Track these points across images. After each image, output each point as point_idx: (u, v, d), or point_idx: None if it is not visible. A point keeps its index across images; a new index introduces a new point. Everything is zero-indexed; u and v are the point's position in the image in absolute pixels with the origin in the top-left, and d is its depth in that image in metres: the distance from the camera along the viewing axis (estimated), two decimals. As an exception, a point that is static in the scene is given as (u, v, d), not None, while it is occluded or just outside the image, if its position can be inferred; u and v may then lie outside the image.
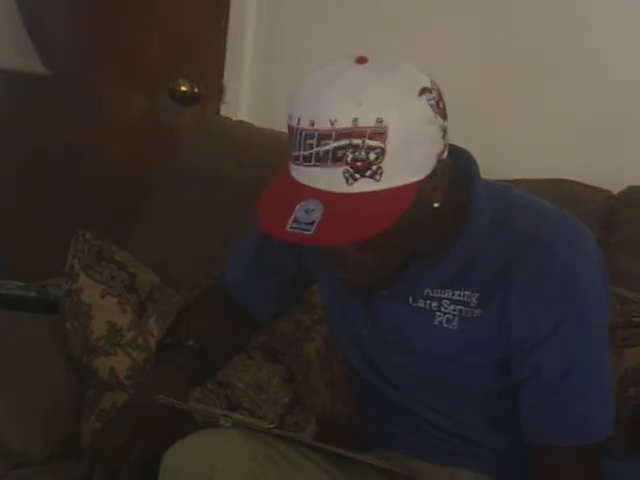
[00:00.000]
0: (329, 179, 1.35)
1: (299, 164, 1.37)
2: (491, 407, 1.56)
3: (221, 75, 2.68)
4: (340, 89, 1.34)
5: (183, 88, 2.74)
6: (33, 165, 2.95)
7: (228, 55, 2.67)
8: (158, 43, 2.77)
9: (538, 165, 2.12)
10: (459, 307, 1.49)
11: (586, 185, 2.05)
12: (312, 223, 1.33)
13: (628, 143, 2.15)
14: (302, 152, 1.36)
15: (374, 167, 1.33)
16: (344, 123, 1.32)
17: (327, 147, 1.33)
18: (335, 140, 1.32)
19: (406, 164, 1.35)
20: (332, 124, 1.32)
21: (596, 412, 1.47)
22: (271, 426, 1.51)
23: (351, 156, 1.32)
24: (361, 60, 1.38)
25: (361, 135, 1.32)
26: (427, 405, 1.59)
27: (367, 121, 1.32)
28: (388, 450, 1.65)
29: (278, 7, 2.58)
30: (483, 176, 1.52)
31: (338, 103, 1.33)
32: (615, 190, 2.04)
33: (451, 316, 1.50)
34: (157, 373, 1.67)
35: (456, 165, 1.47)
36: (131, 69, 2.83)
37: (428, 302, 1.51)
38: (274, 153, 1.89)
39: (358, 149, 1.32)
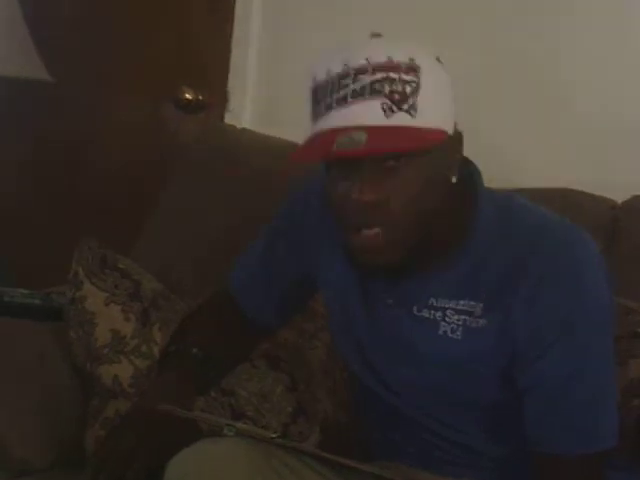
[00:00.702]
0: (367, 113, 1.37)
1: (330, 111, 1.38)
2: (493, 417, 1.55)
3: (225, 83, 2.68)
4: (366, 41, 1.42)
5: (187, 96, 2.74)
6: (36, 171, 2.95)
7: (232, 63, 2.67)
8: (162, 51, 2.77)
9: (542, 174, 2.12)
10: (463, 317, 1.49)
11: (590, 194, 2.04)
12: (358, 143, 1.35)
13: (632, 152, 2.15)
14: (335, 96, 1.38)
15: (410, 101, 1.36)
16: (379, 59, 1.36)
17: (364, 81, 1.36)
18: (372, 74, 1.36)
19: (437, 106, 1.40)
20: (367, 60, 1.36)
21: (600, 421, 1.47)
22: (274, 435, 1.51)
23: (388, 89, 1.36)
24: (375, 35, 1.44)
25: (397, 69, 1.36)
26: (428, 413, 1.58)
27: (401, 57, 1.37)
28: (390, 459, 1.65)
29: (283, 15, 2.59)
30: (487, 185, 1.52)
31: (370, 45, 1.40)
32: (619, 199, 2.04)
33: (455, 326, 1.50)
34: (160, 381, 1.67)
35: (460, 174, 1.47)
36: (135, 77, 2.84)
37: (432, 312, 1.51)
38: (277, 161, 1.89)
39: (395, 82, 1.36)
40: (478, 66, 2.26)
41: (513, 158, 2.21)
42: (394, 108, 1.36)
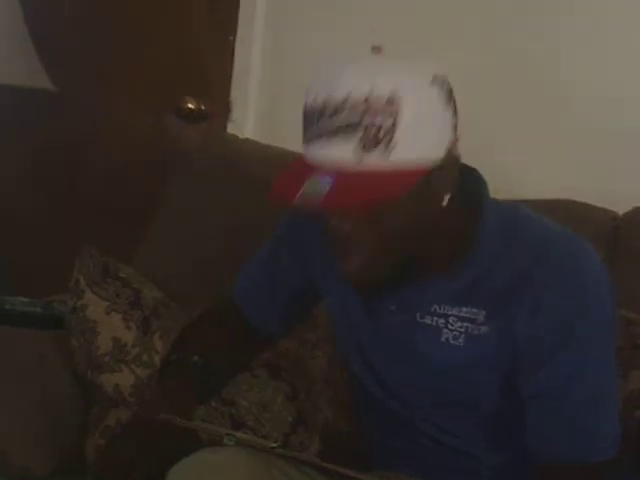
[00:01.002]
0: (341, 151, 1.35)
1: (312, 141, 1.38)
2: (492, 424, 1.55)
3: (228, 93, 2.68)
4: (355, 68, 1.37)
5: (190, 106, 2.75)
6: (37, 177, 2.95)
7: (235, 73, 2.67)
8: (165, 61, 2.78)
9: (544, 185, 2.12)
10: (466, 324, 1.49)
11: (591, 206, 2.04)
12: (321, 194, 1.34)
13: (634, 164, 2.15)
14: (316, 127, 1.37)
15: (385, 141, 1.34)
16: (358, 97, 1.34)
17: (340, 119, 1.35)
18: (348, 113, 1.34)
19: (416, 142, 1.36)
20: (346, 97, 1.34)
21: (602, 431, 1.47)
22: (275, 445, 1.50)
23: (364, 129, 1.34)
24: (376, 49, 1.41)
25: (374, 108, 1.34)
26: (428, 419, 1.59)
27: (380, 95, 1.34)
28: (390, 468, 1.65)
29: (285, 25, 2.59)
30: (491, 196, 1.52)
31: (352, 78, 1.35)
32: (621, 211, 2.04)
33: (458, 333, 1.50)
34: (161, 390, 1.67)
35: (465, 183, 1.47)
36: (138, 86, 2.84)
37: (435, 319, 1.51)
38: (280, 171, 1.89)
39: (370, 122, 1.34)
40: (485, 76, 2.27)
41: (514, 169, 2.21)
42: (368, 148, 1.34)
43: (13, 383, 1.91)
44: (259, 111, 2.64)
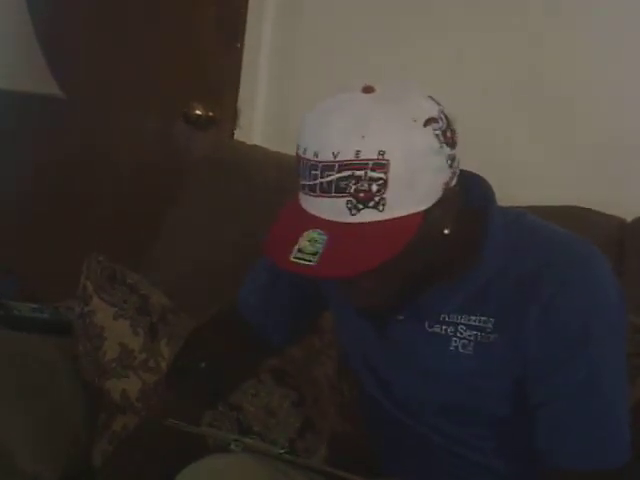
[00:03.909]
0: (333, 209, 1.36)
1: (305, 193, 1.39)
2: (501, 432, 1.55)
3: (236, 99, 2.69)
4: (343, 121, 1.35)
5: (198, 112, 2.75)
6: (47, 186, 2.96)
7: (243, 79, 2.68)
8: (173, 67, 2.78)
9: (550, 191, 2.12)
10: (475, 332, 1.49)
11: (598, 212, 2.04)
12: (315, 254, 1.34)
13: (641, 171, 2.15)
14: (307, 182, 1.37)
15: (377, 198, 1.34)
16: (347, 155, 1.33)
17: (330, 178, 1.34)
18: (338, 172, 1.34)
19: (410, 194, 1.36)
20: (335, 156, 1.34)
21: (612, 437, 1.46)
22: (282, 451, 1.50)
23: (354, 187, 1.33)
24: (367, 89, 1.38)
25: (363, 167, 1.33)
26: (435, 427, 1.58)
27: (369, 153, 1.33)
28: (398, 475, 1.65)
29: (293, 31, 2.59)
30: (497, 202, 1.52)
31: (341, 135, 1.34)
32: (628, 218, 2.04)
33: (467, 341, 1.49)
34: (168, 396, 1.67)
35: (472, 191, 1.47)
36: (145, 92, 2.84)
37: (444, 327, 1.51)
38: (288, 178, 1.89)
39: (360, 180, 1.33)
40: (492, 83, 2.27)
41: (521, 176, 2.21)
42: (359, 206, 1.34)
43: (20, 389, 1.91)
44: (266, 117, 2.65)
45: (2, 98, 2.82)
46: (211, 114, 2.75)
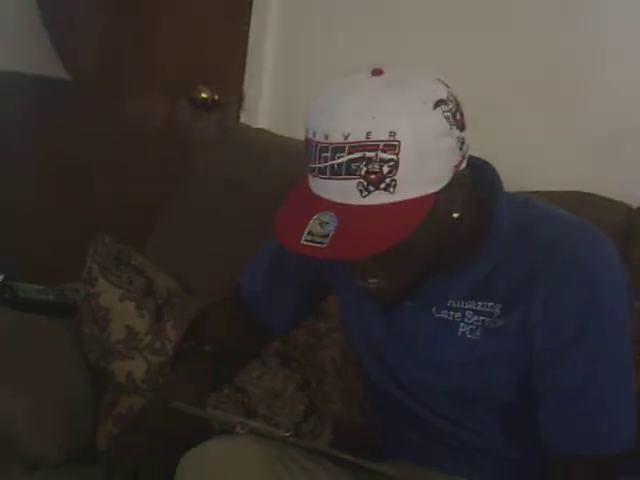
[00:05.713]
0: (343, 191, 1.35)
1: (315, 176, 1.38)
2: (509, 419, 1.55)
3: (241, 83, 2.68)
4: (353, 103, 1.35)
5: (203, 95, 2.74)
6: (52, 169, 2.96)
7: (248, 63, 2.67)
8: (179, 50, 2.78)
9: (557, 178, 2.12)
10: (482, 318, 1.49)
11: (605, 198, 2.04)
12: (326, 236, 1.34)
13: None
14: (317, 164, 1.36)
15: (388, 180, 1.33)
16: (357, 137, 1.33)
17: (341, 160, 1.34)
18: (348, 153, 1.33)
19: (420, 176, 1.35)
20: (345, 138, 1.33)
21: (617, 423, 1.47)
22: (287, 434, 1.51)
23: (365, 169, 1.33)
24: (377, 72, 1.38)
25: (374, 148, 1.32)
26: (441, 413, 1.59)
27: (380, 134, 1.33)
28: (403, 459, 1.65)
29: (299, 15, 2.58)
30: (505, 188, 1.52)
31: (351, 117, 1.34)
32: (634, 204, 2.04)
33: (474, 327, 1.50)
34: (174, 378, 1.67)
35: (478, 177, 1.47)
36: (151, 75, 2.84)
37: (452, 313, 1.51)
38: (293, 161, 1.89)
39: (371, 162, 1.33)
40: (498, 69, 2.26)
41: (527, 161, 2.20)
42: (370, 188, 1.34)
43: (24, 371, 1.91)
44: (272, 101, 2.64)
45: (8, 80, 2.82)
46: (217, 97, 2.74)
